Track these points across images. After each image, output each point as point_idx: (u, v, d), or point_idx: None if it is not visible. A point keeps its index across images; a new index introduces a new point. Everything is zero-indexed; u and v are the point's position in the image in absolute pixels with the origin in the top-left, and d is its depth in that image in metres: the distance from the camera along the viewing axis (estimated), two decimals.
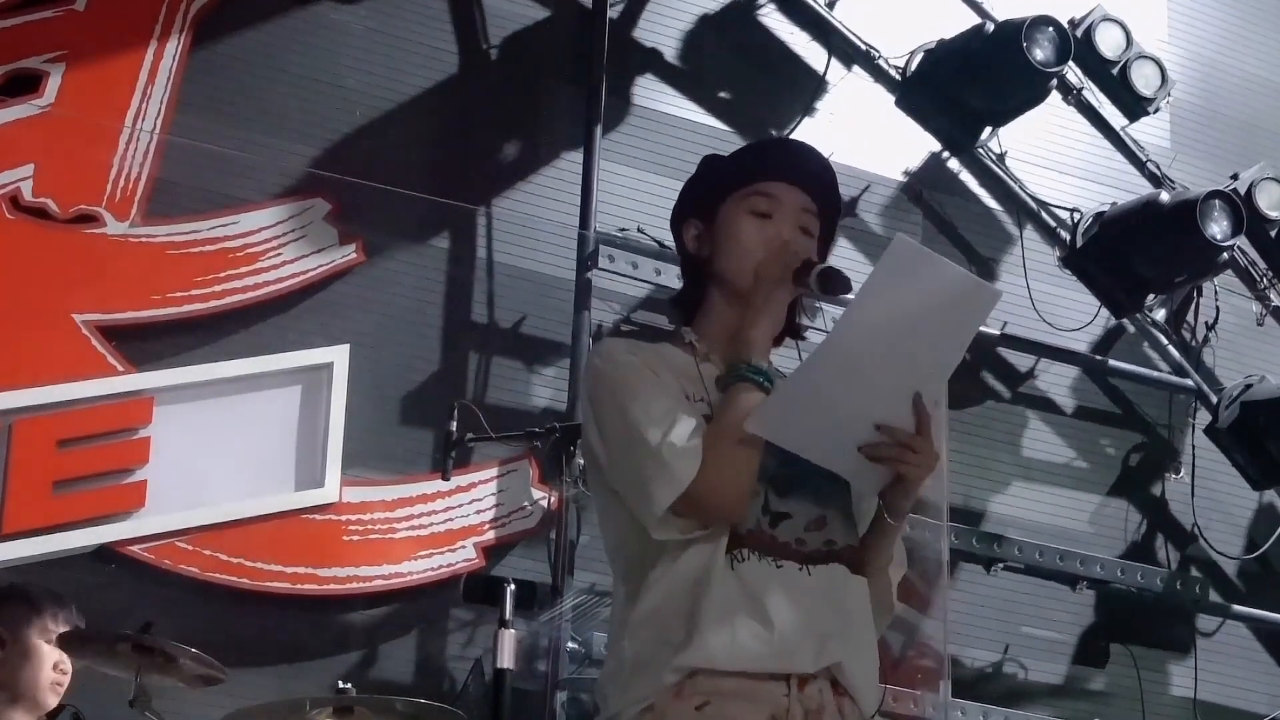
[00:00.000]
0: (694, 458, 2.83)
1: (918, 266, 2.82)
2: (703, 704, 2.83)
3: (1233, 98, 8.83)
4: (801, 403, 2.84)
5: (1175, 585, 7.82)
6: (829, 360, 2.82)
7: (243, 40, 6.92)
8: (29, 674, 4.92)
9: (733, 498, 2.86)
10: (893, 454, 2.87)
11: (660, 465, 2.83)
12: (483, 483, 6.73)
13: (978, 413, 7.84)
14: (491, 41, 7.37)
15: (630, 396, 2.91)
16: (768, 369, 2.93)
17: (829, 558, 2.96)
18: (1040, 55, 7.22)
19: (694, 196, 3.17)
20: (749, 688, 2.84)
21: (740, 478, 2.86)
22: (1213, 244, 7.34)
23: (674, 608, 2.87)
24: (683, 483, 2.82)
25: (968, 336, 2.95)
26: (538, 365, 7.04)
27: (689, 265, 3.16)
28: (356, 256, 6.82)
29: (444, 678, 6.49)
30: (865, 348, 2.81)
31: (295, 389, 6.62)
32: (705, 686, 2.83)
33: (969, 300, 2.89)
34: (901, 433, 2.87)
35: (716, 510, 2.85)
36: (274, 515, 6.45)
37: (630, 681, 2.88)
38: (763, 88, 7.83)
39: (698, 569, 2.87)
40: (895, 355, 2.83)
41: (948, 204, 8.01)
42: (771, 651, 2.85)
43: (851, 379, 2.82)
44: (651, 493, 2.83)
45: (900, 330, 2.81)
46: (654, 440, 2.85)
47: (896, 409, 2.87)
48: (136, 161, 6.59)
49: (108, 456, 6.28)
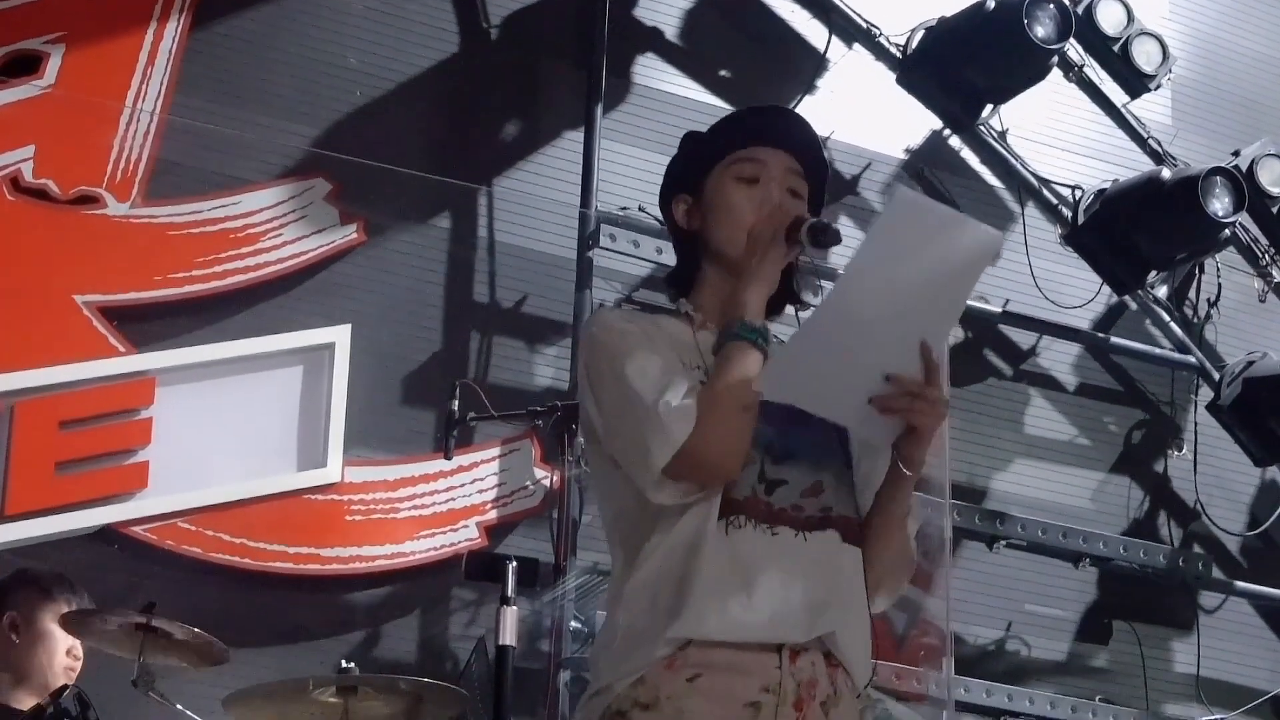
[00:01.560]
0: (689, 416, 2.82)
1: (921, 216, 2.82)
2: (694, 676, 2.82)
3: (1234, 74, 8.82)
4: (809, 359, 2.83)
5: (1178, 562, 7.82)
6: (834, 315, 2.81)
7: (243, 20, 6.91)
8: (43, 659, 4.95)
9: (729, 455, 2.85)
10: (904, 404, 2.87)
11: (656, 425, 2.82)
12: (485, 462, 6.74)
13: (980, 390, 7.84)
14: (492, 21, 7.36)
15: (625, 362, 2.90)
16: (762, 327, 2.92)
17: (825, 524, 2.95)
18: (1041, 32, 7.20)
19: (679, 172, 3.18)
20: (740, 660, 2.83)
21: (736, 436, 2.85)
22: (1214, 220, 7.33)
23: (667, 577, 2.86)
24: (678, 441, 2.80)
25: (971, 283, 2.94)
26: (539, 344, 7.04)
27: (682, 240, 3.16)
28: (357, 236, 6.81)
29: (447, 657, 6.50)
30: (871, 300, 2.80)
31: (297, 369, 6.62)
32: (696, 658, 2.83)
33: (971, 246, 2.88)
34: (911, 382, 2.86)
35: (712, 468, 2.84)
36: (276, 495, 6.46)
37: (622, 653, 2.87)
38: (763, 66, 7.82)
39: (691, 537, 2.86)
40: (901, 306, 2.82)
41: (949, 182, 8.00)
42: (763, 622, 2.84)
43: (858, 332, 2.81)
44: (649, 452, 2.82)
45: (905, 281, 2.80)
46: (649, 401, 2.84)
47: (904, 359, 2.86)
48: (137, 142, 6.59)
49: (110, 437, 6.28)
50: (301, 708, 5.03)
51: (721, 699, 2.83)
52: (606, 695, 2.87)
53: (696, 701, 2.82)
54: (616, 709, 2.85)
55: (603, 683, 2.89)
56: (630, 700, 2.84)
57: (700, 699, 2.82)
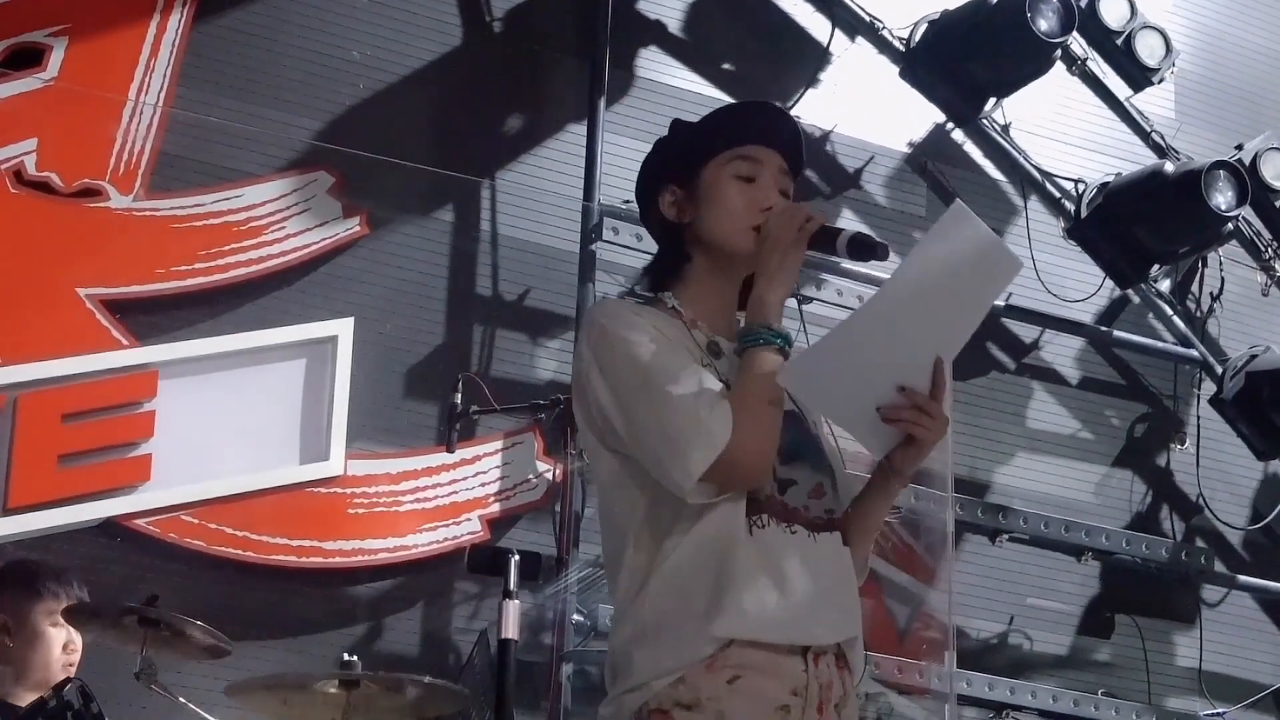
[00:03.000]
0: (727, 419, 2.80)
1: (967, 232, 2.81)
2: (734, 677, 2.81)
3: (1237, 68, 8.81)
4: (837, 359, 2.83)
5: (1180, 556, 7.82)
6: (873, 319, 2.81)
7: (246, 13, 6.91)
8: (39, 657, 4.93)
9: (763, 457, 2.85)
10: (909, 416, 2.87)
11: (695, 427, 2.79)
12: (487, 455, 6.74)
13: (983, 384, 7.84)
14: (495, 14, 7.35)
15: (649, 360, 2.87)
16: (785, 331, 2.91)
17: (830, 525, 2.96)
18: (1044, 26, 7.19)
19: (670, 162, 3.15)
20: (774, 662, 2.83)
21: (769, 439, 2.85)
22: (1217, 214, 7.33)
23: (699, 572, 2.83)
24: (720, 444, 2.78)
25: (989, 303, 2.96)
26: (542, 337, 7.04)
27: (666, 231, 3.14)
28: (360, 229, 6.81)
29: (449, 650, 6.50)
30: (906, 310, 2.80)
31: (300, 362, 6.62)
32: (736, 659, 2.81)
33: (994, 266, 2.89)
34: (921, 396, 2.87)
35: (747, 471, 2.83)
36: (279, 488, 6.46)
37: (660, 649, 2.84)
38: (766, 59, 7.82)
39: (720, 534, 2.84)
40: (927, 318, 2.83)
41: (952, 175, 7.99)
42: (796, 620, 2.84)
43: (887, 340, 2.81)
44: (688, 455, 2.79)
45: (937, 294, 2.81)
46: (685, 402, 2.81)
47: (918, 372, 2.87)
48: (140, 135, 6.58)
49: (112, 430, 6.28)
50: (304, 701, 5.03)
51: (758, 701, 2.82)
52: (644, 692, 2.84)
53: (736, 703, 2.81)
54: (657, 706, 2.83)
55: (638, 679, 2.85)
56: (671, 700, 2.82)
57: (740, 700, 2.81)
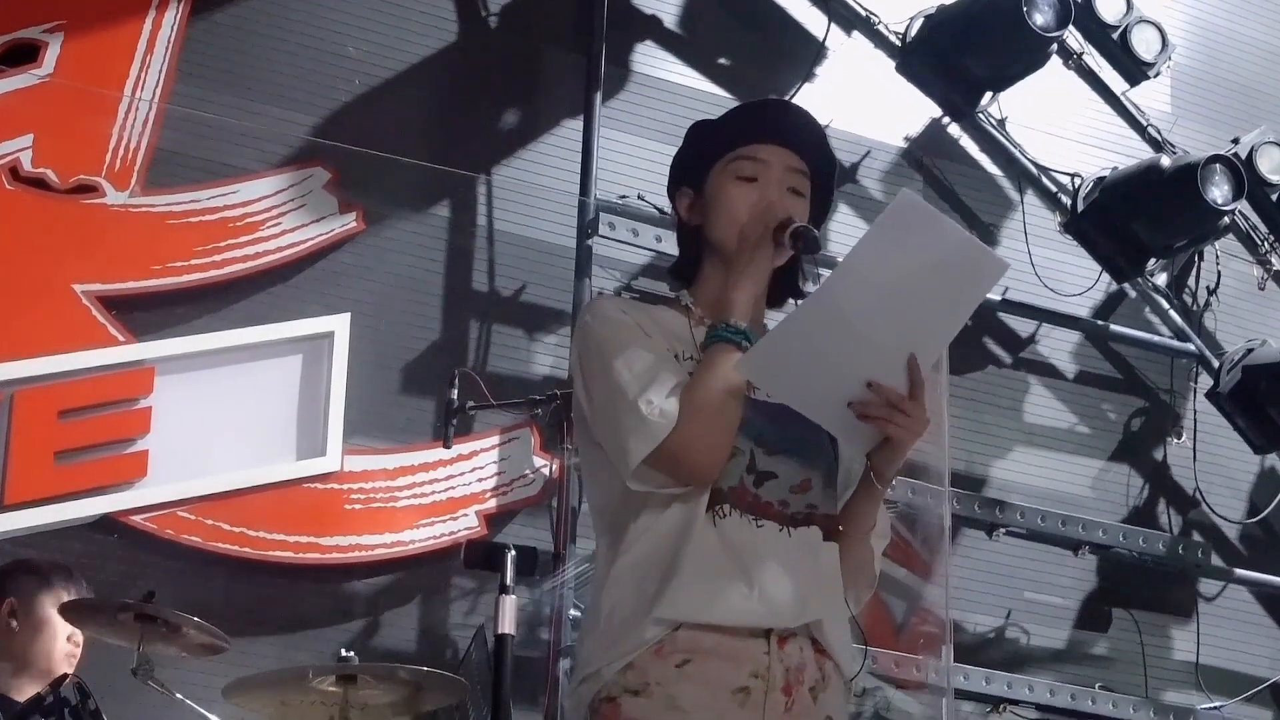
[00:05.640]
0: (670, 413, 2.82)
1: (923, 225, 2.79)
2: (683, 661, 2.83)
3: (1234, 62, 8.80)
4: (792, 350, 2.81)
5: (1177, 549, 7.82)
6: (820, 309, 2.79)
7: (241, 8, 6.91)
8: (44, 646, 4.94)
9: (707, 456, 2.85)
10: (882, 413, 2.85)
11: (638, 419, 2.83)
12: (484, 451, 6.74)
13: (979, 378, 7.84)
14: (491, 9, 7.35)
15: (615, 352, 2.91)
16: (748, 330, 2.91)
17: (808, 520, 2.96)
18: (1040, 20, 7.19)
19: (684, 165, 3.17)
20: (729, 645, 2.84)
21: (716, 436, 2.85)
22: (1214, 208, 7.33)
23: (653, 562, 2.86)
24: (657, 437, 2.81)
25: (971, 305, 2.93)
26: (538, 333, 7.04)
27: (684, 233, 3.17)
28: (357, 225, 6.81)
29: (446, 646, 6.50)
30: (861, 299, 2.78)
31: (296, 358, 6.62)
32: (686, 644, 2.83)
33: (974, 268, 2.87)
34: (892, 393, 2.84)
35: (690, 467, 2.84)
36: (276, 484, 6.46)
37: (610, 637, 2.87)
38: (762, 54, 7.81)
39: (678, 523, 2.87)
40: (892, 314, 2.80)
41: (949, 170, 8.00)
42: (752, 606, 2.85)
43: (844, 331, 2.79)
44: (628, 446, 2.83)
45: (899, 288, 2.78)
46: (632, 394, 2.85)
47: (891, 369, 2.84)
48: (136, 131, 6.58)
49: (109, 426, 6.28)
50: (301, 696, 5.03)
51: (711, 684, 2.83)
52: (595, 681, 2.88)
53: (686, 687, 2.82)
54: (606, 695, 2.85)
55: (591, 668, 2.89)
56: (620, 687, 2.84)
57: (690, 685, 2.82)
